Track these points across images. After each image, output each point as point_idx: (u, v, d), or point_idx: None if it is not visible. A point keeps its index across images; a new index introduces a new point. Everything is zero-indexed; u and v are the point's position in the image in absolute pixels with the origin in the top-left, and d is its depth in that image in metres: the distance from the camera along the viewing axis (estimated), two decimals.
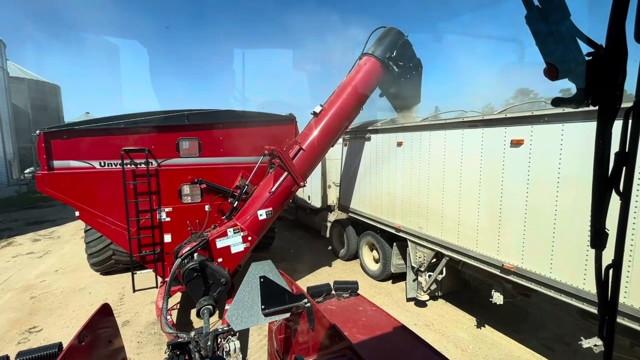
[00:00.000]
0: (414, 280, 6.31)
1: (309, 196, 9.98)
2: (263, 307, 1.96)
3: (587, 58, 0.71)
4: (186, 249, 4.99)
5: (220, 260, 5.30)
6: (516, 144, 4.26)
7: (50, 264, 9.01)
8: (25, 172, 26.53)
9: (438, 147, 5.51)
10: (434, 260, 5.85)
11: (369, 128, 7.34)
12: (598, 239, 0.76)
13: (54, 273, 8.32)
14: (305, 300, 2.06)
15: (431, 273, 5.93)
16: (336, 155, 8.67)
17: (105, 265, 7.80)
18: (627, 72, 0.66)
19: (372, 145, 7.28)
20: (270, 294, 1.98)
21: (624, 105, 0.73)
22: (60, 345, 1.93)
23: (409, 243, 6.29)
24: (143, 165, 5.59)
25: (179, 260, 4.78)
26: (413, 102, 7.21)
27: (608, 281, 0.77)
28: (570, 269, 3.75)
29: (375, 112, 7.89)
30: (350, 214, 8.27)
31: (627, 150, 0.70)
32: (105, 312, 2.28)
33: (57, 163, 5.25)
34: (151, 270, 5.95)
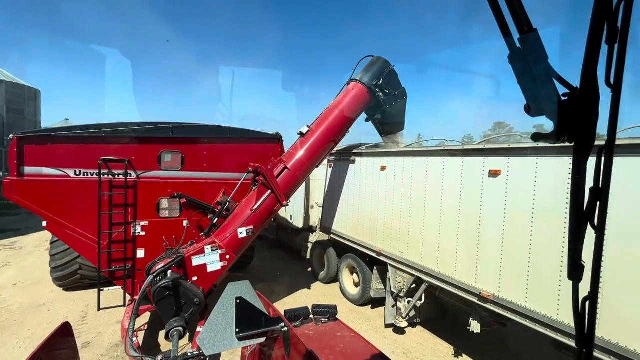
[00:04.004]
0: (393, 306, 6.23)
1: (291, 216, 9.88)
2: (237, 330, 1.87)
3: (563, 98, 0.76)
4: (160, 266, 4.77)
5: (195, 279, 5.09)
6: (494, 174, 4.42)
7: (8, 276, 8.36)
8: None
9: (420, 173, 5.64)
10: (414, 285, 5.83)
11: (354, 151, 7.46)
12: (575, 271, 0.78)
13: (12, 287, 7.71)
14: (282, 324, 1.99)
15: (410, 299, 5.90)
16: (320, 176, 8.71)
17: (70, 280, 7.32)
18: (599, 113, 0.72)
19: (357, 168, 7.37)
20: (245, 317, 1.90)
21: (598, 143, 0.77)
22: None
23: (389, 267, 6.27)
24: (121, 176, 5.42)
25: (150, 277, 4.55)
26: (397, 129, 7.42)
27: (585, 313, 0.78)
28: (545, 299, 3.82)
29: (360, 136, 8.07)
30: (332, 236, 8.22)
31: (600, 186, 0.74)
32: (64, 332, 2.11)
33: (28, 169, 5.01)
34: (120, 287, 5.63)
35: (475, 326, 4.93)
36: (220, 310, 1.91)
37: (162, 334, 5.76)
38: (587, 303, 0.78)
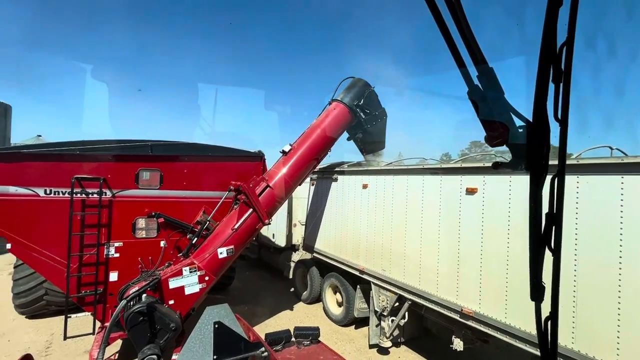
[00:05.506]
0: (377, 326, 6.16)
1: (273, 234, 9.74)
2: (215, 357, 1.80)
3: (519, 130, 0.82)
4: (134, 289, 4.54)
5: (171, 302, 4.87)
6: (471, 192, 4.57)
7: None
8: None
9: (401, 191, 5.75)
10: (397, 304, 5.81)
11: (336, 169, 7.54)
12: (536, 292, 0.81)
13: None
14: (263, 349, 1.93)
15: (394, 318, 5.85)
16: (303, 194, 8.70)
17: (34, 307, 6.82)
18: (550, 145, 0.77)
19: (339, 186, 7.43)
20: (224, 342, 1.83)
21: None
22: None
23: (372, 286, 6.23)
24: (95, 195, 5.21)
25: (123, 302, 4.31)
26: (378, 147, 7.59)
27: (548, 332, 0.81)
28: (523, 315, 3.89)
29: (342, 154, 8.18)
30: (315, 254, 8.13)
31: (555, 212, 0.78)
32: None
33: None
34: (89, 313, 5.29)
35: (458, 344, 4.93)
36: (198, 336, 1.83)
37: None
38: (549, 323, 0.81)
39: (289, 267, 9.31)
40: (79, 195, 5.12)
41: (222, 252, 5.36)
